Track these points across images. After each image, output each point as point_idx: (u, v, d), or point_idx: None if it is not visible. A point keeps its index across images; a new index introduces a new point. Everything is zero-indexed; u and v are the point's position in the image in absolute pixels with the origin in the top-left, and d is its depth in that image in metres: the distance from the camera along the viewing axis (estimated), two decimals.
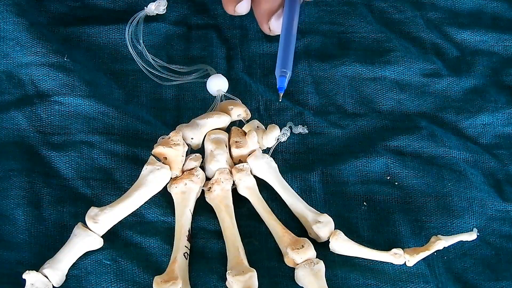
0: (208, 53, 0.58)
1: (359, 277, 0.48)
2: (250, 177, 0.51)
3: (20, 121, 0.52)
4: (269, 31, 0.56)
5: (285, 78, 0.52)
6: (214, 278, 0.47)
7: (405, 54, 0.59)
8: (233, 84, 0.56)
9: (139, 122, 0.53)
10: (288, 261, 0.48)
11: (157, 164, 0.49)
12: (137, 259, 0.47)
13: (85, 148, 0.52)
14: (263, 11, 0.55)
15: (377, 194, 0.53)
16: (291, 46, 0.54)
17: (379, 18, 0.61)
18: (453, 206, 0.52)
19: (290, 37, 0.54)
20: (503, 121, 0.57)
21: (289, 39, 0.54)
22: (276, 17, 0.55)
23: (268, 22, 0.55)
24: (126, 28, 0.57)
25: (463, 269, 0.50)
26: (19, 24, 0.54)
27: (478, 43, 0.61)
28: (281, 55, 0.54)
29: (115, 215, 0.48)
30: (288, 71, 0.53)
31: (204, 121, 0.51)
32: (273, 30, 0.55)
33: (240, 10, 0.54)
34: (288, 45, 0.54)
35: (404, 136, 0.55)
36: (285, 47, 0.54)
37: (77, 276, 0.47)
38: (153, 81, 0.56)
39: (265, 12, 0.55)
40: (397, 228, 0.51)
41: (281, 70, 0.53)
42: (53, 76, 0.53)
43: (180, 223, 0.48)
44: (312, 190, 0.52)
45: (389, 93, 0.57)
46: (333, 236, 0.49)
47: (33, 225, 0.48)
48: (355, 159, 0.54)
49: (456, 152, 0.55)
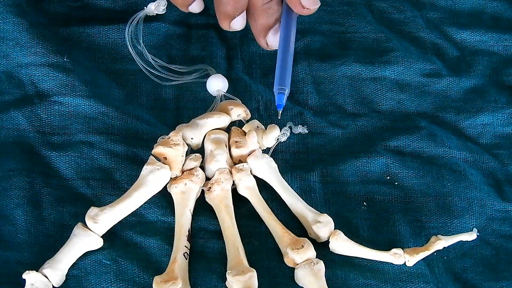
0: (208, 53, 0.58)
1: (359, 277, 0.48)
2: (250, 177, 0.51)
3: (20, 121, 0.52)
4: (267, 46, 0.55)
5: (284, 95, 0.52)
6: (214, 278, 0.47)
7: (405, 54, 0.59)
8: (233, 84, 0.56)
9: (139, 122, 0.53)
10: (288, 261, 0.48)
11: (157, 164, 0.49)
12: (137, 259, 0.47)
13: (85, 148, 0.52)
14: (259, 27, 0.54)
15: (377, 194, 0.53)
16: (289, 62, 0.53)
17: (379, 18, 0.61)
18: (453, 206, 0.52)
19: (288, 53, 0.54)
20: (503, 121, 0.57)
21: (287, 56, 0.53)
22: (273, 32, 0.54)
23: (265, 37, 0.55)
24: (126, 28, 0.57)
25: (463, 269, 0.50)
26: (19, 24, 0.54)
27: (478, 43, 0.61)
28: (279, 72, 0.53)
29: (115, 215, 0.48)
30: (286, 88, 0.52)
31: (204, 121, 0.51)
32: (270, 45, 0.55)
33: (235, 26, 0.54)
34: (285, 62, 0.53)
35: (404, 136, 0.55)
36: (282, 63, 0.53)
37: (77, 276, 0.47)
38: (153, 81, 0.56)
39: (262, 28, 0.54)
40: (397, 228, 0.51)
41: (279, 87, 0.52)
42: (53, 76, 0.53)
43: (180, 223, 0.48)
44: (312, 190, 0.52)
45: (389, 93, 0.57)
46: (333, 236, 0.49)
47: (33, 225, 0.48)
48: (355, 159, 0.54)
49: (456, 152, 0.55)
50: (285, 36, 0.54)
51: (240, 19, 0.54)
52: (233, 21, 0.53)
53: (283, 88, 0.52)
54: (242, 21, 0.54)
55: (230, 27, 0.54)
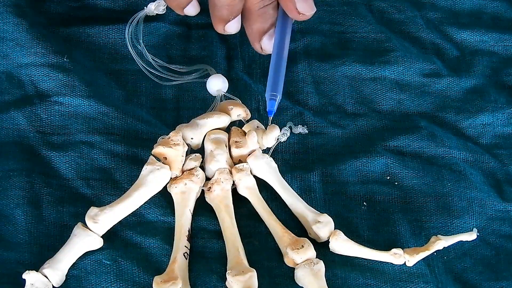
0: (208, 53, 0.58)
1: (359, 277, 0.48)
2: (250, 177, 0.51)
3: (20, 121, 0.52)
4: (261, 50, 0.55)
5: (275, 102, 0.52)
6: (214, 278, 0.47)
7: (405, 54, 0.59)
8: (233, 84, 0.56)
9: (139, 122, 0.53)
10: (288, 261, 0.48)
11: (157, 164, 0.49)
12: (137, 259, 0.47)
13: (85, 148, 0.52)
14: (254, 31, 0.54)
15: (377, 194, 0.53)
16: (282, 68, 0.53)
17: (379, 18, 0.61)
18: (453, 206, 0.52)
19: (281, 59, 0.53)
20: (503, 121, 0.57)
21: (280, 62, 0.53)
22: (268, 36, 0.54)
23: (260, 41, 0.55)
24: (126, 28, 0.57)
25: (463, 269, 0.50)
26: (19, 24, 0.54)
27: (478, 43, 0.61)
28: (272, 78, 0.53)
29: (115, 215, 0.48)
30: (278, 95, 0.52)
31: (204, 121, 0.51)
32: (265, 50, 0.55)
33: (230, 30, 0.54)
34: (278, 68, 0.53)
35: (404, 136, 0.55)
36: (275, 69, 0.53)
37: (77, 276, 0.47)
38: (153, 81, 0.56)
39: (256, 32, 0.54)
40: (397, 228, 0.51)
41: (271, 93, 0.52)
42: (53, 76, 0.53)
43: (180, 223, 0.48)
44: (312, 190, 0.52)
45: (389, 93, 0.57)
46: (333, 236, 0.49)
47: (33, 225, 0.48)
48: (355, 159, 0.54)
49: (456, 152, 0.55)
50: (279, 42, 0.54)
51: (235, 22, 0.54)
52: (228, 25, 0.54)
53: (274, 94, 0.52)
54: (236, 24, 0.54)
55: (225, 31, 0.54)
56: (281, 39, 0.54)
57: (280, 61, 0.53)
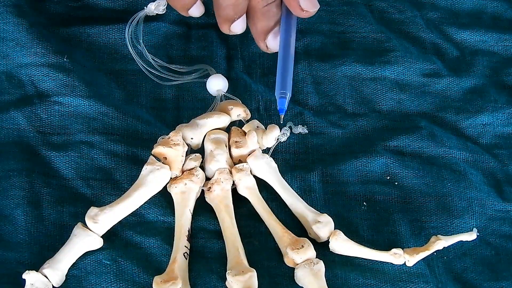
0: (208, 53, 0.58)
1: (359, 277, 0.48)
2: (250, 177, 0.51)
3: (20, 121, 0.52)
4: (267, 49, 0.55)
5: (285, 100, 0.52)
6: (214, 278, 0.47)
7: (405, 54, 0.59)
8: (233, 84, 0.56)
9: (139, 122, 0.53)
10: (288, 261, 0.48)
11: (157, 164, 0.49)
12: (137, 259, 0.47)
13: (85, 148, 0.52)
14: (259, 30, 0.54)
15: (377, 194, 0.53)
16: (290, 66, 0.53)
17: (379, 18, 0.61)
18: (453, 206, 0.52)
19: (288, 56, 0.53)
20: (503, 121, 0.57)
21: (287, 59, 0.53)
22: (273, 35, 0.54)
23: (265, 40, 0.55)
24: (126, 28, 0.57)
25: (463, 269, 0.50)
26: (19, 24, 0.54)
27: (478, 43, 0.61)
28: (280, 76, 0.53)
29: (115, 215, 0.48)
30: (288, 92, 0.52)
31: (204, 121, 0.51)
32: (270, 48, 0.55)
33: (235, 30, 0.54)
34: (286, 65, 0.53)
35: (404, 136, 0.55)
36: (283, 67, 0.53)
37: (77, 276, 0.47)
38: (153, 81, 0.56)
39: (261, 30, 0.54)
40: (397, 228, 0.51)
41: (281, 91, 0.52)
42: (53, 76, 0.53)
43: (180, 223, 0.48)
44: (312, 190, 0.52)
45: (389, 93, 0.57)
46: (333, 236, 0.49)
47: (33, 225, 0.48)
48: (355, 159, 0.54)
49: (456, 152, 0.55)
50: (285, 40, 0.54)
51: (240, 22, 0.54)
52: (233, 25, 0.53)
53: (284, 92, 0.52)
54: (242, 24, 0.54)
55: (230, 31, 0.54)
56: (287, 37, 0.54)
57: (287, 58, 0.53)
